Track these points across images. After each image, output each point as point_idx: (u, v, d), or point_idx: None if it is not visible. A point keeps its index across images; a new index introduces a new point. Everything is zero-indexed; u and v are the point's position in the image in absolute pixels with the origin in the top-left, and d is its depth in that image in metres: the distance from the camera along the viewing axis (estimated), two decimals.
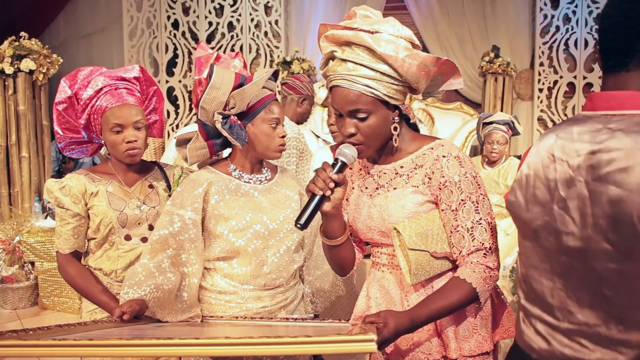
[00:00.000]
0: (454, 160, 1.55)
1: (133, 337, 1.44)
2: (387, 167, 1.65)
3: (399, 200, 1.58)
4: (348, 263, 1.74)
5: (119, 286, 1.99)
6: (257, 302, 1.93)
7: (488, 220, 1.55)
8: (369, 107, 1.51)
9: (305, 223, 1.48)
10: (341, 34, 1.50)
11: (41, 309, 4.88)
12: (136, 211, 2.11)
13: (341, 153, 1.52)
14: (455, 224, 1.54)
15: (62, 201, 2.06)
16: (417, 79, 1.51)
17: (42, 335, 1.30)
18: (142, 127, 2.10)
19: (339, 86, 1.52)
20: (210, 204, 1.90)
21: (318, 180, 1.49)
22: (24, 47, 4.93)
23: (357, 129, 1.54)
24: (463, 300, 1.49)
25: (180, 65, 7.86)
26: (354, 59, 1.48)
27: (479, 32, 7.45)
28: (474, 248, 1.52)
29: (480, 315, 1.62)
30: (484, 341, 1.61)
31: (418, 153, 1.61)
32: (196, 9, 7.78)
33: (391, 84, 1.50)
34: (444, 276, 1.61)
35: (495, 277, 1.54)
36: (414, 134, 1.67)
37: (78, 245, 2.11)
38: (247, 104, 1.89)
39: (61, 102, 2.10)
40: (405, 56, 1.47)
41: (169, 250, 1.85)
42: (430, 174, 1.56)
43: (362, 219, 1.67)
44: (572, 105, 7.32)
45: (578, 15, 7.15)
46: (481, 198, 1.54)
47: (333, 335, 1.13)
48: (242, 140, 1.87)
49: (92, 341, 1.11)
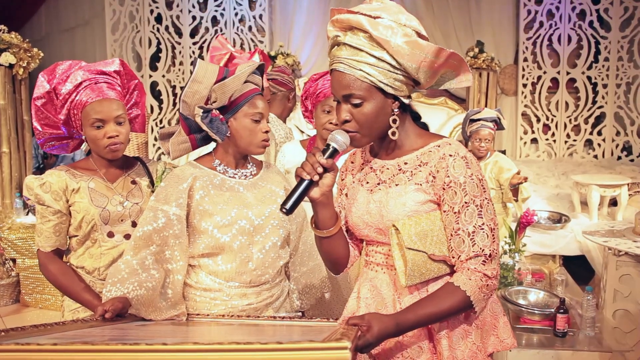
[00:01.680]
0: (461, 161, 1.48)
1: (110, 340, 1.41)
2: (391, 163, 1.59)
3: (400, 197, 1.53)
4: (341, 258, 1.68)
5: (102, 284, 1.95)
6: (243, 299, 1.90)
7: (491, 226, 1.48)
8: (363, 92, 1.46)
9: (291, 208, 1.44)
10: (344, 17, 1.46)
11: (23, 306, 4.82)
12: (119, 207, 2.08)
13: (333, 139, 1.48)
14: (456, 226, 1.48)
15: (43, 198, 2.02)
16: (417, 69, 1.46)
17: (14, 337, 1.27)
18: (124, 121, 2.07)
19: (337, 70, 1.49)
20: (195, 200, 1.87)
21: (306, 164, 1.45)
22: (4, 41, 4.86)
23: (352, 116, 1.49)
24: (454, 308, 1.44)
25: (163, 59, 7.79)
26: (354, 44, 1.45)
27: (464, 27, 7.48)
28: (473, 254, 1.46)
29: (475, 323, 1.56)
30: (478, 351, 1.55)
31: (424, 150, 1.55)
32: (179, 3, 7.72)
33: (389, 72, 1.45)
34: (441, 280, 1.55)
35: (493, 286, 1.48)
36: (421, 130, 1.62)
37: (59, 243, 2.08)
38: (228, 98, 1.86)
39: (39, 97, 2.06)
40: (403, 42, 1.42)
41: (153, 247, 1.82)
42: (434, 173, 1.50)
43: (360, 214, 1.61)
44: (555, 101, 7.38)
45: (561, 11, 7.21)
46: (485, 202, 1.48)
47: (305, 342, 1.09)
48: (222, 134, 1.85)
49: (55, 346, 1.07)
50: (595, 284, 4.53)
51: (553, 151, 7.45)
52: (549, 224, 5.02)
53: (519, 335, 2.90)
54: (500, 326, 1.62)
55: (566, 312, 2.84)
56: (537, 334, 2.91)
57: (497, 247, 1.49)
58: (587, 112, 7.34)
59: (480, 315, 1.56)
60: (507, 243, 3.55)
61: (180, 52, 7.81)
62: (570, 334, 2.88)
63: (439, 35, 7.50)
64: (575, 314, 3.05)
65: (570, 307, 3.02)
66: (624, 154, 7.28)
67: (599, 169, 6.74)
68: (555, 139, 7.44)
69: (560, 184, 6.26)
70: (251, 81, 1.91)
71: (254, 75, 1.92)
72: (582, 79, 7.29)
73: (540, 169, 6.83)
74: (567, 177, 6.31)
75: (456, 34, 7.50)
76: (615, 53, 7.16)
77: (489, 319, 1.60)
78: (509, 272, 3.39)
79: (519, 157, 7.45)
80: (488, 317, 1.60)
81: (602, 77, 7.25)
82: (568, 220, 5.00)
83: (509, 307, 3.02)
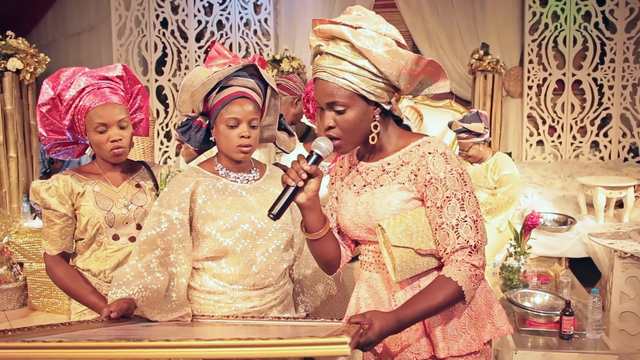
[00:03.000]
0: (440, 157, 1.54)
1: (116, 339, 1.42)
2: (375, 165, 1.65)
3: (385, 197, 1.58)
4: (332, 259, 1.73)
5: (108, 287, 1.97)
6: (247, 302, 1.91)
7: (474, 217, 1.53)
8: (346, 100, 1.52)
9: (278, 213, 1.51)
10: (326, 28, 1.52)
11: (30, 310, 4.84)
12: (123, 210, 2.10)
13: (316, 145, 1.54)
14: (440, 221, 1.53)
15: (49, 202, 2.05)
16: (397, 77, 1.51)
17: (21, 337, 1.28)
18: (127, 125, 2.09)
19: (320, 78, 1.54)
20: (198, 204, 1.88)
21: (291, 171, 1.51)
22: (11, 46, 4.89)
23: (335, 122, 1.55)
24: (449, 299, 1.48)
25: (169, 64, 7.84)
26: (336, 53, 1.50)
27: (469, 30, 7.47)
28: (459, 246, 1.51)
29: (468, 314, 1.62)
30: (473, 341, 1.61)
31: (405, 150, 1.61)
32: (185, 7, 7.76)
33: (371, 79, 1.50)
34: (431, 274, 1.61)
35: (481, 275, 1.53)
36: (402, 131, 1.67)
37: (66, 246, 2.10)
38: (203, 105, 1.89)
39: (44, 103, 2.08)
40: (384, 52, 1.47)
41: (157, 251, 1.83)
42: (416, 171, 1.56)
43: (349, 216, 1.67)
44: (561, 103, 7.36)
45: (567, 13, 7.19)
46: (467, 195, 1.53)
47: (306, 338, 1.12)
48: (194, 143, 1.88)
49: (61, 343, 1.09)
50: (602, 286, 4.51)
51: (559, 153, 7.43)
52: (554, 226, 5.01)
53: (525, 338, 2.90)
54: (495, 314, 1.68)
55: (572, 315, 2.83)
56: (542, 336, 2.91)
57: (481, 238, 1.54)
58: (593, 113, 7.32)
59: (474, 305, 1.62)
60: (513, 245, 3.54)
61: (185, 56, 7.85)
62: (576, 336, 2.87)
63: (444, 37, 7.50)
64: (581, 317, 3.04)
65: (576, 310, 3.01)
66: (630, 156, 7.26)
67: (605, 171, 6.72)
68: (561, 141, 7.42)
69: (566, 186, 6.24)
70: (235, 84, 1.90)
71: (238, 79, 1.90)
72: (587, 80, 7.27)
73: (546, 171, 6.81)
74: (573, 179, 6.29)
75: (461, 36, 7.49)
76: (621, 54, 7.14)
77: (484, 307, 1.66)
78: (515, 275, 3.38)
79: (525, 159, 7.43)
80: (482, 307, 1.66)
81: (607, 78, 7.23)
82: (574, 222, 4.98)
83: (515, 310, 3.01)
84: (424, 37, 7.48)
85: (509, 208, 4.33)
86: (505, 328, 1.68)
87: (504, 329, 1.67)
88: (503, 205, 4.31)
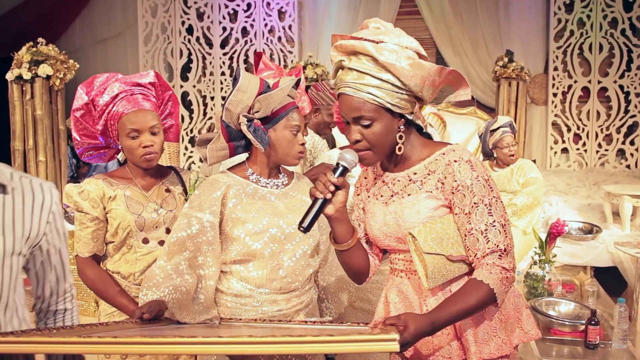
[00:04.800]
0: (466, 165, 1.57)
1: (156, 336, 1.46)
2: (401, 175, 1.68)
3: (414, 205, 1.61)
4: (361, 269, 1.75)
5: (137, 289, 2.01)
6: (273, 305, 1.94)
7: (502, 222, 1.56)
8: (372, 114, 1.55)
9: (308, 226, 1.53)
10: (347, 43, 1.55)
11: None
12: (154, 215, 2.13)
13: (342, 158, 1.56)
14: (469, 227, 1.56)
15: (81, 205, 2.09)
16: (421, 88, 1.55)
17: (67, 334, 1.32)
18: (158, 131, 2.13)
19: (345, 94, 1.57)
20: (228, 207, 1.91)
21: (319, 184, 1.54)
22: (42, 53, 4.97)
23: (362, 136, 1.58)
24: (481, 302, 1.50)
25: (194, 70, 7.91)
26: (360, 68, 1.53)
27: (493, 37, 7.43)
28: (489, 250, 1.54)
29: (499, 318, 1.64)
30: (504, 344, 1.62)
31: (430, 159, 1.64)
32: (210, 14, 7.83)
33: (395, 92, 1.53)
34: (462, 279, 1.62)
35: (512, 278, 1.55)
36: (425, 140, 1.70)
37: (97, 249, 2.14)
38: (271, 110, 1.92)
39: (78, 108, 2.13)
40: (408, 65, 1.51)
41: (186, 253, 1.87)
42: (442, 179, 1.59)
43: (378, 227, 1.70)
44: (586, 110, 7.28)
45: (592, 20, 7.12)
46: (494, 200, 1.56)
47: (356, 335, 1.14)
48: (265, 143, 1.90)
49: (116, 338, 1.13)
50: (628, 295, 4.45)
51: (584, 161, 7.35)
52: (580, 234, 4.97)
53: (549, 347, 2.88)
54: (523, 318, 1.70)
55: (598, 324, 2.81)
56: (567, 345, 2.89)
57: (510, 242, 1.57)
58: (619, 121, 7.22)
59: (503, 309, 1.64)
60: (537, 253, 3.52)
61: (210, 62, 7.92)
62: (601, 346, 2.85)
63: (468, 45, 7.46)
64: (607, 326, 3.02)
65: (601, 319, 2.98)
66: None
67: (632, 179, 6.63)
68: (587, 149, 7.34)
69: (591, 194, 6.17)
70: (290, 95, 1.98)
71: (292, 89, 1.98)
72: (614, 87, 7.18)
73: (571, 179, 6.74)
74: (599, 188, 6.22)
75: (485, 43, 7.46)
76: None
77: (512, 312, 1.68)
78: (539, 283, 3.36)
79: (549, 167, 7.36)
80: (511, 311, 1.68)
81: (634, 85, 7.13)
82: (599, 231, 4.93)
83: (539, 318, 2.99)
84: (448, 45, 7.45)
85: (534, 209, 4.33)
86: (533, 332, 1.69)
87: (532, 333, 1.69)
88: (528, 206, 4.32)
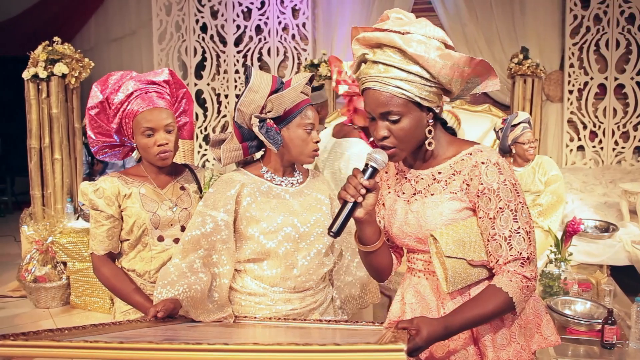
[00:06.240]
0: (493, 167, 1.51)
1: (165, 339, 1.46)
2: (425, 173, 1.62)
3: (437, 206, 1.55)
4: (385, 269, 1.71)
5: (152, 287, 2.01)
6: (287, 304, 1.93)
7: (527, 229, 1.51)
8: (400, 109, 1.47)
9: (338, 231, 1.47)
10: (372, 35, 1.47)
11: (72, 308, 4.96)
12: (169, 212, 2.14)
13: (371, 158, 1.49)
14: (492, 232, 1.51)
15: (97, 203, 2.10)
16: (450, 80, 1.47)
17: (77, 335, 1.33)
18: (173, 129, 2.13)
19: (371, 88, 1.49)
20: (242, 206, 1.91)
21: (349, 187, 1.47)
22: (57, 52, 5.01)
23: (390, 132, 1.50)
24: (499, 310, 1.47)
25: (208, 68, 7.93)
26: (385, 61, 1.46)
27: (508, 34, 7.37)
28: (511, 257, 1.49)
29: (518, 323, 1.59)
30: (522, 350, 1.58)
31: (456, 158, 1.57)
32: (224, 12, 7.85)
33: (423, 85, 1.46)
34: (481, 284, 1.58)
35: (533, 287, 1.50)
36: (451, 137, 1.63)
37: (112, 247, 2.15)
38: (284, 109, 1.90)
39: (93, 107, 2.14)
40: (437, 56, 1.43)
41: (201, 251, 1.87)
42: (468, 181, 1.53)
43: (398, 225, 1.64)
44: (602, 107, 7.21)
45: (609, 15, 7.04)
46: (520, 206, 1.50)
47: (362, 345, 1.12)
48: (277, 144, 1.87)
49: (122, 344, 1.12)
50: None
51: (600, 159, 7.28)
52: (596, 233, 4.91)
53: (565, 347, 2.85)
54: (543, 324, 1.65)
55: (614, 324, 2.78)
56: (583, 345, 2.85)
57: (534, 250, 1.51)
58: (636, 118, 7.14)
59: (523, 315, 1.60)
60: (553, 252, 3.49)
61: (224, 60, 7.93)
62: (618, 346, 2.81)
63: (483, 42, 7.41)
64: (623, 326, 2.98)
65: (618, 319, 2.95)
66: None
67: None
68: (603, 146, 7.27)
69: (607, 192, 6.11)
70: (303, 92, 1.94)
71: (305, 86, 1.94)
72: (631, 84, 7.10)
73: (587, 176, 6.68)
74: (615, 185, 6.15)
75: (500, 40, 7.40)
76: None
77: (532, 317, 1.63)
78: (555, 282, 3.33)
79: (565, 165, 7.30)
80: (531, 316, 1.63)
81: None
82: (616, 230, 4.88)
83: (555, 317, 2.96)
84: (463, 42, 7.40)
85: (558, 208, 4.31)
86: (553, 338, 1.64)
87: (552, 339, 1.64)
88: (553, 204, 4.30)
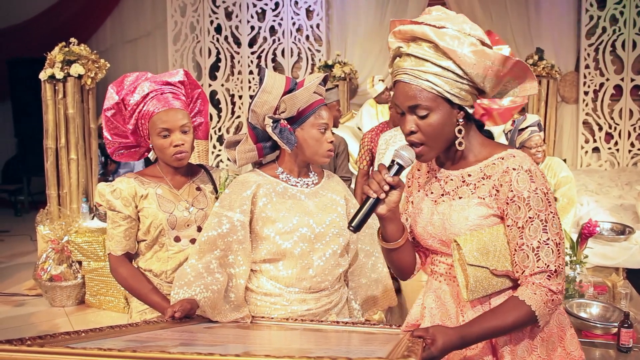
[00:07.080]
0: (525, 174, 1.45)
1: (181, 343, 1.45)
2: (455, 174, 1.57)
3: (463, 210, 1.50)
4: (408, 267, 1.68)
5: (169, 287, 2.03)
6: (302, 304, 1.94)
7: (556, 240, 1.44)
8: (429, 103, 1.43)
9: (358, 226, 1.45)
10: (407, 28, 1.45)
11: (87, 307, 5.00)
12: (185, 213, 2.15)
13: (398, 155, 1.47)
14: (520, 242, 1.45)
15: (114, 204, 2.11)
16: (483, 78, 1.43)
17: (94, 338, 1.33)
18: (189, 130, 2.14)
19: (401, 81, 1.46)
20: (258, 206, 1.91)
21: (372, 182, 1.45)
22: (74, 53, 5.05)
23: (418, 127, 1.47)
24: (519, 322, 1.42)
25: (222, 69, 7.96)
26: (418, 54, 1.42)
27: (523, 34, 7.33)
28: (538, 269, 1.43)
29: (540, 336, 1.53)
30: None
31: (487, 162, 1.52)
32: (238, 13, 7.88)
33: (455, 82, 1.42)
34: (503, 294, 1.53)
35: (558, 301, 1.45)
36: (484, 139, 1.58)
37: (129, 247, 2.16)
38: (297, 109, 1.89)
39: (109, 108, 2.15)
40: (470, 52, 1.40)
41: (217, 251, 1.87)
42: (498, 186, 1.48)
43: (423, 224, 1.60)
44: (618, 109, 7.15)
45: (626, 16, 6.98)
46: (550, 217, 1.44)
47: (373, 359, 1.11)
48: (291, 144, 1.87)
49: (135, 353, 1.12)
50: None
51: (616, 160, 7.21)
52: (612, 235, 4.87)
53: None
54: (567, 338, 1.58)
55: (631, 327, 2.75)
56: (599, 348, 2.83)
57: (562, 262, 1.45)
58: None
59: (545, 327, 1.53)
60: (568, 254, 3.47)
61: (239, 61, 7.97)
62: (635, 349, 2.78)
63: None
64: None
65: (635, 322, 2.92)
66: None
67: None
68: (619, 148, 7.21)
69: (623, 195, 6.05)
70: (317, 92, 1.94)
71: (318, 86, 1.94)
72: None
73: (603, 178, 6.62)
74: (631, 187, 6.10)
75: (515, 41, 7.36)
76: None
77: (555, 330, 1.56)
78: (570, 284, 3.31)
79: (580, 167, 7.25)
80: (554, 329, 1.56)
81: None
82: (632, 232, 4.83)
83: (571, 320, 2.94)
84: None
85: (569, 210, 4.26)
86: (577, 354, 1.57)
87: (575, 354, 1.57)
88: (564, 207, 4.26)
